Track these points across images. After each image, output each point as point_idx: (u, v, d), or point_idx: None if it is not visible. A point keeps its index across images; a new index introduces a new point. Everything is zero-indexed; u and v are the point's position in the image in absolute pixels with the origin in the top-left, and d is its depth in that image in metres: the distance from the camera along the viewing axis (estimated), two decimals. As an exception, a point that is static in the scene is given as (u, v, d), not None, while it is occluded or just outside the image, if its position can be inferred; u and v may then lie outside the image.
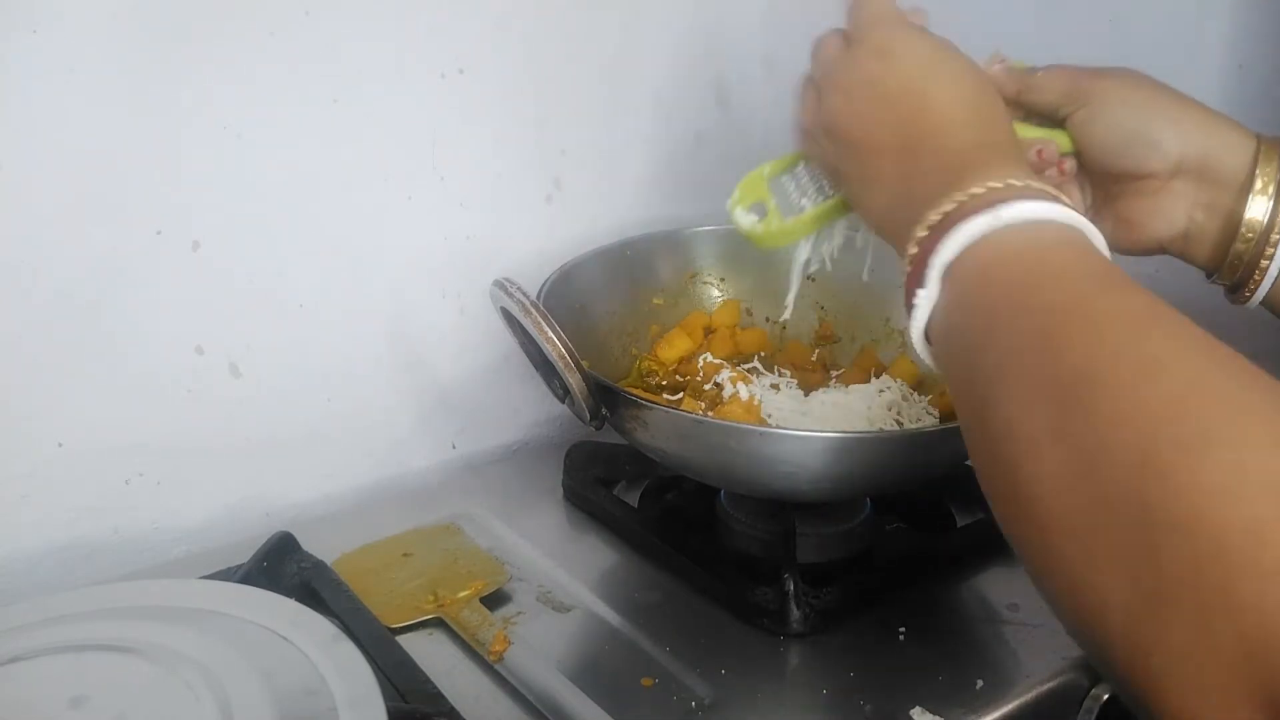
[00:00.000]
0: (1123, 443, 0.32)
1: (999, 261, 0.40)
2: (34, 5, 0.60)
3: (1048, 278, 0.38)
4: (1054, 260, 0.39)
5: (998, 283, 0.39)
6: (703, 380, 0.76)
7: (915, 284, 0.42)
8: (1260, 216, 0.53)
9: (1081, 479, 0.33)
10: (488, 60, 0.77)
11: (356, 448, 0.80)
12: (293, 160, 0.71)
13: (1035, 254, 0.40)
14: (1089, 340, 0.35)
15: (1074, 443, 0.33)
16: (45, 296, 0.64)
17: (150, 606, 0.51)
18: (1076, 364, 0.34)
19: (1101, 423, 0.33)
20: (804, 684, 0.59)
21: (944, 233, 0.41)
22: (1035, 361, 0.36)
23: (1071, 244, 0.40)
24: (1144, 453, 0.31)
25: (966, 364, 0.40)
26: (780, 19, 0.92)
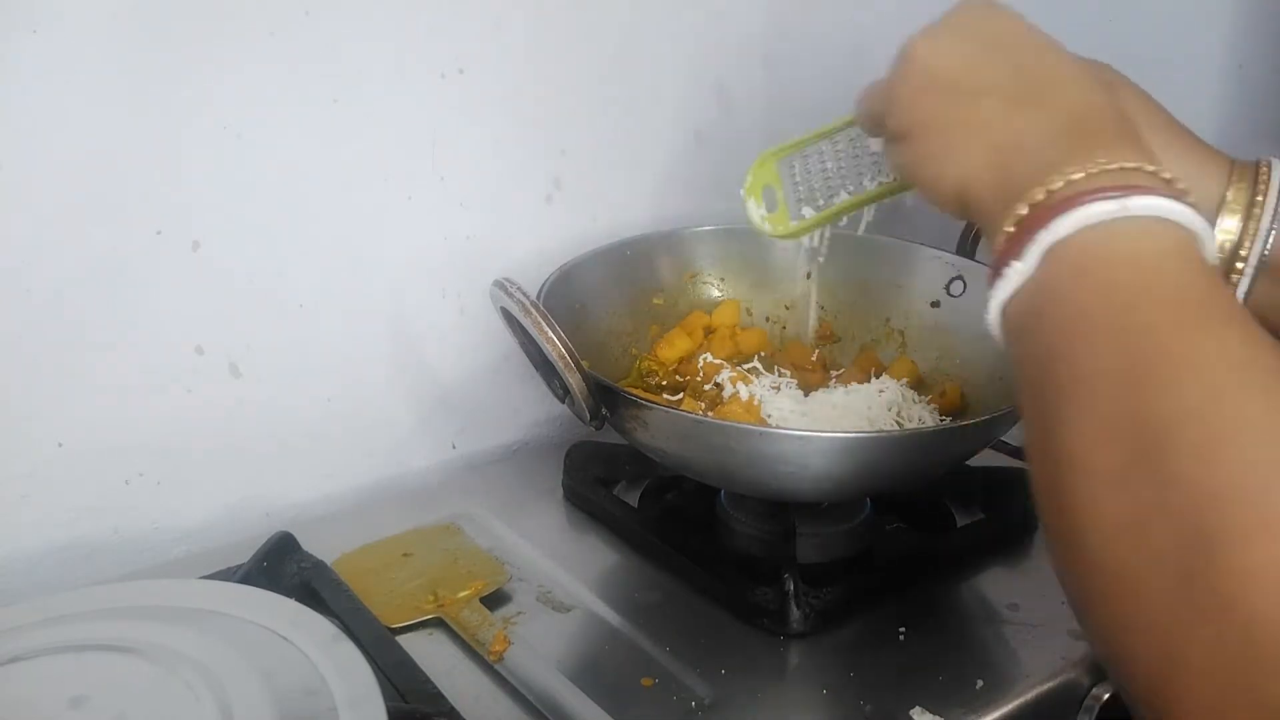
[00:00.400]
0: (1180, 510, 0.31)
1: (1107, 260, 0.37)
2: (34, 5, 0.60)
3: (1152, 297, 0.36)
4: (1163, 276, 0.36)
5: (1097, 285, 0.37)
6: (703, 380, 0.76)
7: (1011, 255, 0.39)
8: (1226, 240, 0.53)
9: (1133, 536, 0.32)
10: (488, 60, 0.77)
11: (356, 448, 0.80)
12: (293, 160, 0.71)
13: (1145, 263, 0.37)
14: (1173, 388, 0.33)
15: (1135, 496, 0.32)
16: (45, 296, 0.64)
17: (150, 606, 0.51)
18: (1155, 411, 0.33)
19: (1166, 483, 0.32)
20: (804, 684, 0.59)
21: (1064, 207, 0.37)
22: (1114, 394, 0.34)
23: (1185, 255, 0.37)
24: (1197, 527, 0.31)
25: (1041, 362, 0.38)
26: (780, 19, 0.92)
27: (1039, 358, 0.38)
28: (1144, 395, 0.33)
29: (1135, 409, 0.33)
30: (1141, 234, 0.37)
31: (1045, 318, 0.38)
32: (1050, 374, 0.37)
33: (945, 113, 0.46)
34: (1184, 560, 0.31)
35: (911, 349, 0.79)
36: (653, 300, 0.81)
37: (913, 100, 0.47)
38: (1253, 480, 0.31)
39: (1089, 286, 0.37)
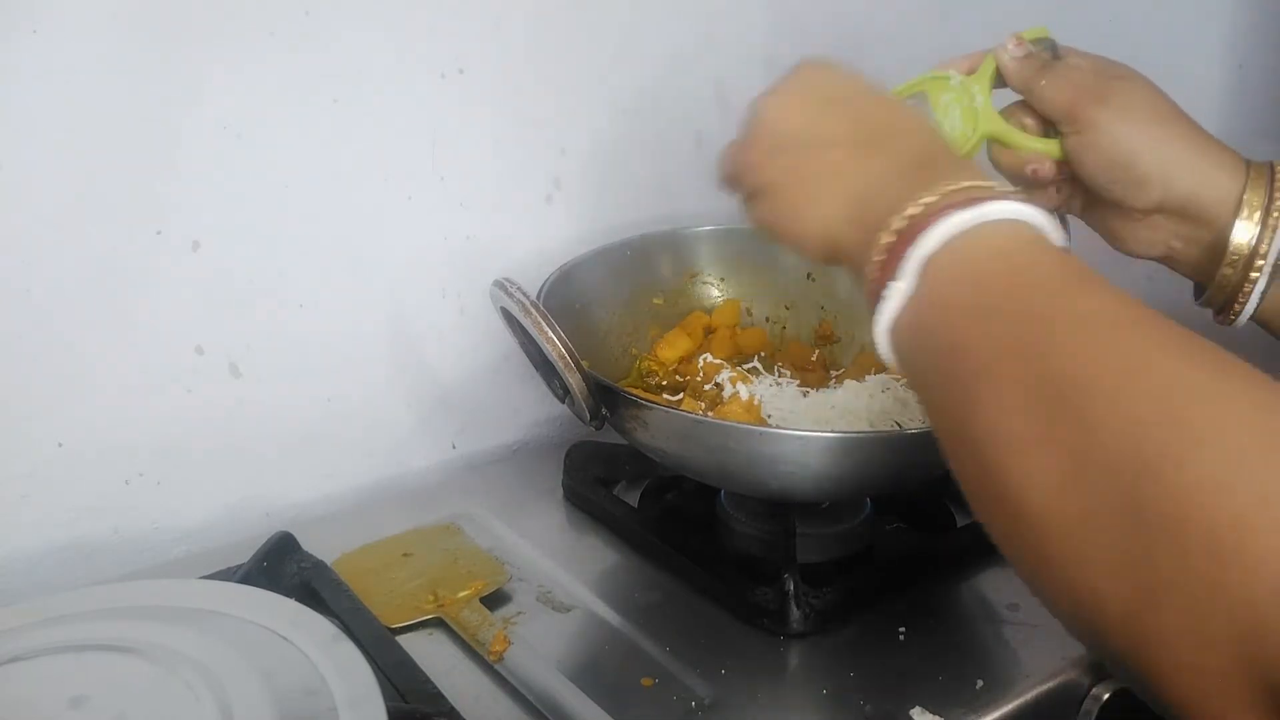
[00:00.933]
0: (1111, 446, 0.33)
1: (980, 260, 0.39)
2: (34, 5, 0.60)
3: (1030, 279, 0.38)
4: (1033, 261, 0.39)
5: (979, 282, 0.39)
6: (703, 380, 0.76)
7: (887, 276, 0.41)
8: (1245, 241, 0.54)
9: (1072, 482, 0.33)
10: (488, 60, 0.77)
11: (356, 448, 0.80)
12: (293, 160, 0.71)
13: (1014, 254, 0.39)
14: (1074, 345, 0.35)
15: (1063, 447, 0.34)
16: (45, 296, 0.64)
17: (150, 606, 0.51)
18: (1062, 369, 0.35)
19: (1089, 427, 0.33)
20: (804, 684, 0.59)
21: (925, 224, 0.40)
22: (1021, 366, 0.36)
23: (1042, 244, 0.40)
24: (1132, 455, 0.32)
25: (943, 364, 0.39)
26: (780, 19, 0.92)
27: (937, 362, 0.40)
28: (1048, 359, 0.35)
29: (1043, 373, 0.35)
30: (1001, 233, 0.40)
31: (937, 324, 0.40)
32: (953, 371, 0.38)
33: (797, 167, 0.48)
34: (1129, 492, 0.32)
35: (911, 349, 0.79)
36: (653, 300, 0.81)
37: (766, 159, 0.50)
38: (1171, 404, 0.32)
39: (970, 283, 0.39)
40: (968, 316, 0.39)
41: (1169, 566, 0.31)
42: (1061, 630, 0.61)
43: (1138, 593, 0.31)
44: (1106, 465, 0.32)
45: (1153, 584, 0.31)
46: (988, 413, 0.36)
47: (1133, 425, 0.32)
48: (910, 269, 0.40)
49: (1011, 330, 0.37)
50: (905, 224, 0.41)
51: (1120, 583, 0.32)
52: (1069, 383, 0.34)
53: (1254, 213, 0.53)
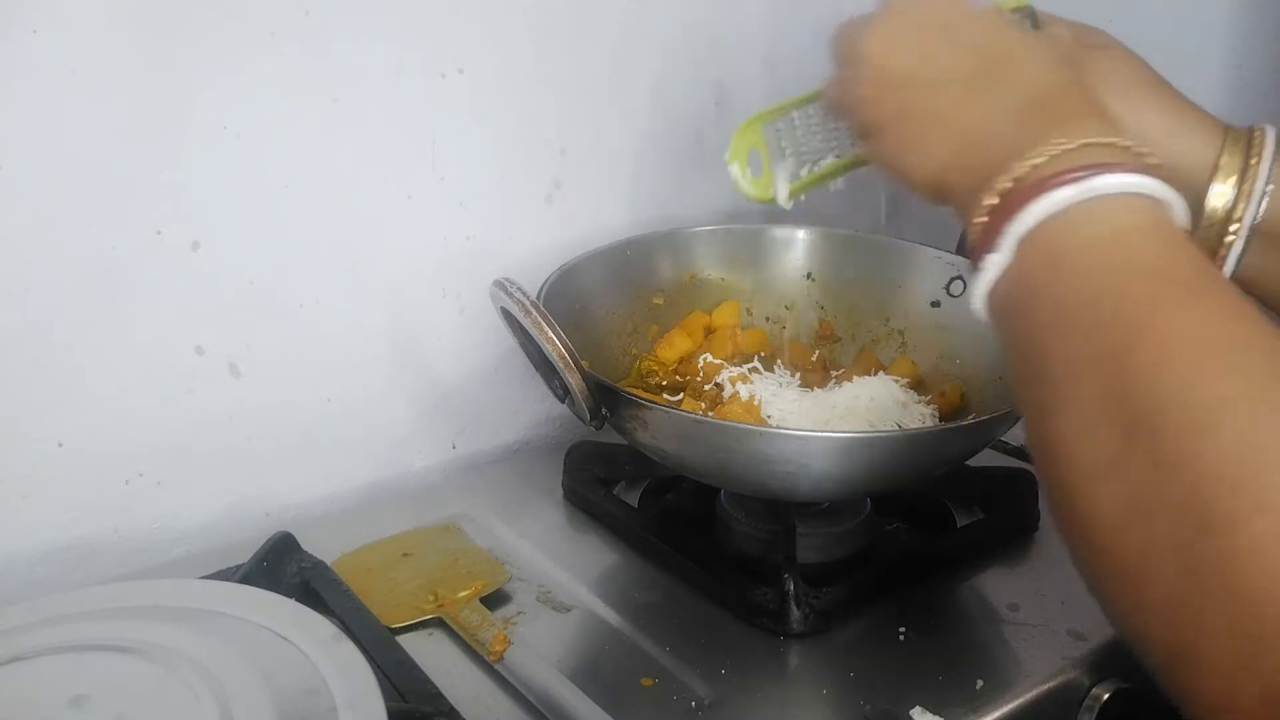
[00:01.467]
0: (1176, 495, 0.32)
1: (1076, 247, 0.37)
2: (34, 5, 0.60)
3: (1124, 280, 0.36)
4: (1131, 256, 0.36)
5: (1070, 274, 0.37)
6: (703, 380, 0.76)
7: (986, 247, 0.39)
8: (1220, 205, 0.53)
9: (1134, 523, 0.33)
10: (488, 60, 0.77)
11: (356, 448, 0.80)
12: (293, 160, 0.71)
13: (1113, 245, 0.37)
14: (1155, 370, 0.33)
15: (1132, 484, 0.33)
16: (45, 296, 0.64)
17: (150, 606, 0.51)
18: (1141, 397, 0.33)
19: (1160, 466, 0.32)
20: (804, 684, 0.59)
21: (1029, 195, 0.38)
22: (1103, 377, 0.34)
23: (1154, 230, 0.37)
24: (1195, 509, 0.31)
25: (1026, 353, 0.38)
26: (780, 19, 0.92)
27: (1024, 349, 0.38)
28: (1126, 381, 0.34)
29: (1119, 395, 0.34)
30: (1108, 213, 0.37)
31: (1025, 309, 0.38)
32: (1036, 366, 0.37)
33: (908, 108, 0.46)
34: (1186, 545, 0.31)
35: (911, 349, 0.79)
36: (653, 300, 0.81)
37: (876, 99, 0.47)
38: (1242, 461, 0.31)
39: (1062, 276, 0.37)
40: (1055, 314, 0.37)
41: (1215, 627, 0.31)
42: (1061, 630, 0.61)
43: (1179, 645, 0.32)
44: (1169, 513, 0.32)
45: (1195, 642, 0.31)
46: (1064, 422, 0.35)
47: (1201, 478, 0.31)
48: (1008, 244, 0.38)
49: (1095, 340, 0.35)
50: (1010, 186, 0.39)
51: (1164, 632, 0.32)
52: (1145, 413, 0.33)
53: (1229, 176, 0.53)
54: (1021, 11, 0.59)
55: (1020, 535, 0.71)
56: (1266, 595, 0.30)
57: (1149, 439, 0.33)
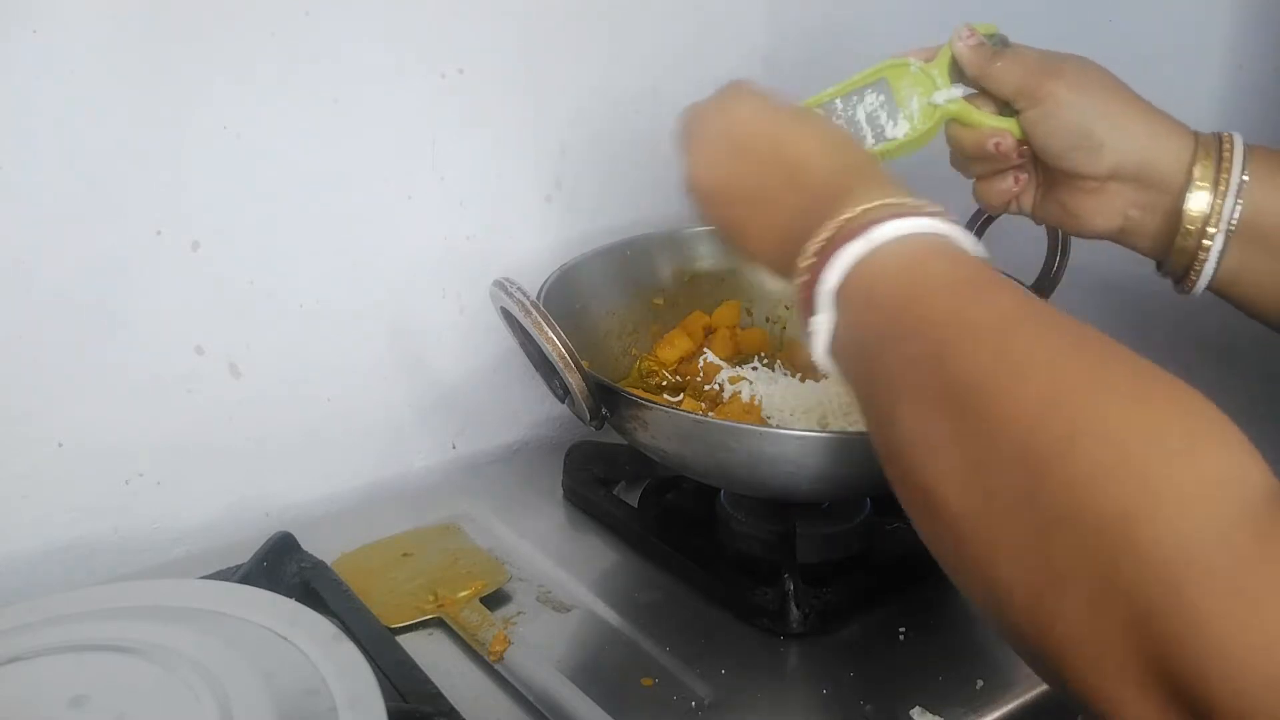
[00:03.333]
0: (1006, 443, 0.34)
1: (879, 282, 0.42)
2: (34, 5, 0.60)
3: (924, 292, 0.40)
4: (928, 274, 0.41)
5: (881, 303, 0.41)
6: (703, 380, 0.76)
7: (808, 312, 0.44)
8: (1198, 210, 0.56)
9: (975, 479, 0.35)
10: (488, 60, 0.77)
11: (356, 448, 0.80)
12: (293, 160, 0.71)
13: (909, 271, 0.41)
14: (968, 350, 0.37)
15: (966, 446, 0.36)
16: (45, 296, 0.64)
17: (150, 606, 0.51)
18: (960, 374, 0.37)
19: (986, 426, 0.35)
20: (804, 684, 0.59)
21: (825, 260, 0.43)
22: (924, 375, 0.38)
23: (943, 253, 0.42)
24: (1024, 451, 0.34)
25: (866, 381, 0.42)
26: (780, 19, 0.92)
27: (864, 378, 0.42)
28: (946, 366, 0.37)
29: (944, 380, 0.37)
30: (898, 253, 0.42)
31: (856, 344, 0.43)
32: (877, 384, 0.41)
33: (730, 219, 0.53)
34: (1024, 486, 0.33)
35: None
36: (653, 300, 0.81)
37: (704, 207, 0.55)
38: (1054, 398, 0.34)
39: (879, 309, 0.41)
40: (877, 336, 0.41)
41: (1064, 556, 0.32)
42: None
43: (1039, 581, 0.33)
44: (1002, 461, 0.34)
45: (1051, 573, 0.32)
46: (904, 420, 0.38)
47: (1023, 422, 0.34)
48: (824, 303, 0.43)
49: (913, 344, 0.39)
50: (812, 260, 0.44)
51: (1023, 571, 0.33)
52: (965, 387, 0.36)
53: (1205, 181, 0.56)
54: (993, 39, 0.60)
55: (1020, 535, 0.71)
56: (1108, 516, 0.31)
57: (976, 406, 0.36)
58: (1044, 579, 0.33)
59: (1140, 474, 0.31)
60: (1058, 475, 0.32)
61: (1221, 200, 0.55)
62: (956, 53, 0.60)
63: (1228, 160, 0.55)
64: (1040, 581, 0.33)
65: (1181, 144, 0.57)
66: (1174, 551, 0.30)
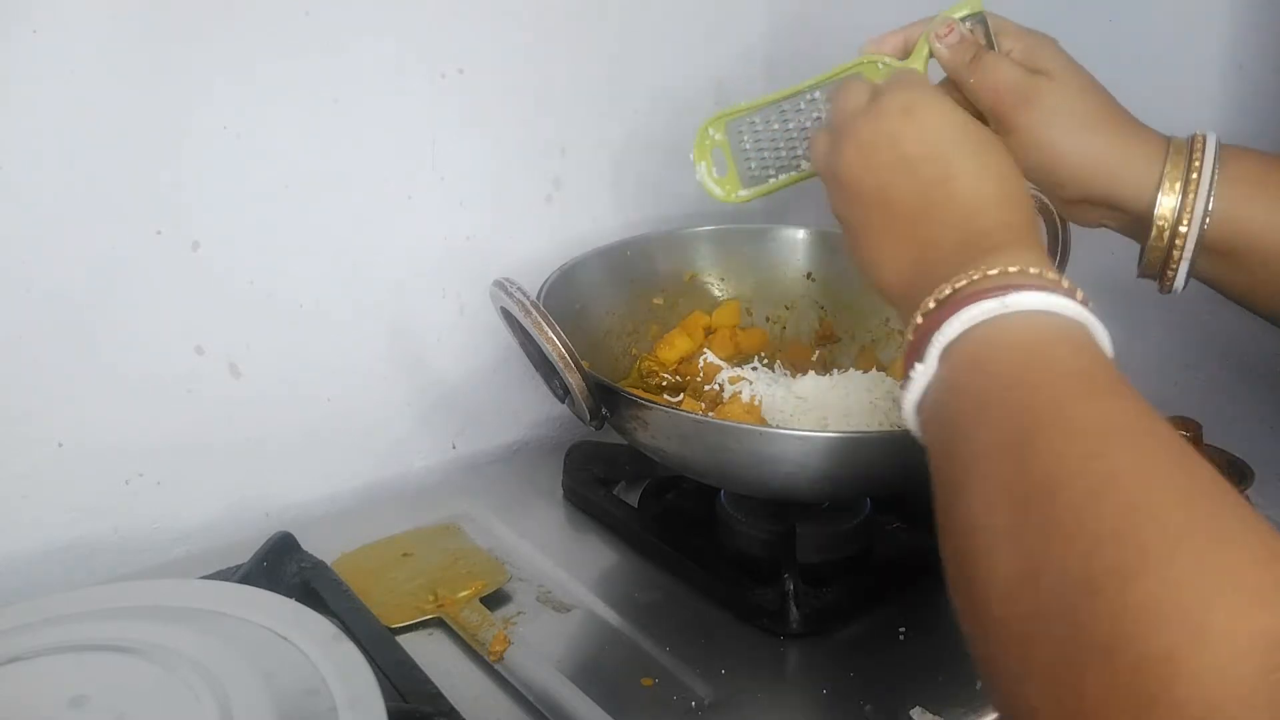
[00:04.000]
0: (1066, 557, 0.33)
1: (995, 350, 0.40)
2: (34, 5, 0.60)
3: (1035, 374, 0.39)
4: (1046, 356, 0.39)
5: (989, 372, 0.40)
6: (703, 381, 0.76)
7: (915, 357, 0.42)
8: (1167, 214, 0.56)
9: (1025, 588, 0.34)
10: (488, 60, 0.77)
11: (356, 448, 0.80)
12: (293, 160, 0.71)
13: (1030, 347, 0.40)
14: (1057, 449, 0.35)
15: (1025, 550, 0.34)
16: (45, 296, 0.64)
17: (150, 606, 0.51)
18: (1041, 472, 0.35)
19: (1051, 534, 0.33)
20: (804, 684, 0.59)
21: (951, 310, 0.41)
22: (1006, 462, 0.36)
23: (1070, 339, 0.40)
24: (1082, 571, 0.32)
25: (947, 447, 0.40)
26: (780, 19, 0.92)
27: (945, 442, 0.41)
28: (1029, 460, 0.36)
29: (1023, 473, 0.36)
30: (1026, 326, 0.40)
31: (947, 407, 0.41)
32: (953, 454, 0.39)
33: (871, 225, 0.51)
34: (1071, 605, 0.32)
35: (911, 349, 0.79)
36: (653, 300, 0.81)
37: (844, 206, 0.53)
38: (1128, 524, 0.32)
39: (985, 377, 0.40)
40: (973, 404, 0.39)
41: (1096, 694, 0.31)
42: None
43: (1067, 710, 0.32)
44: (1057, 577, 0.33)
45: (1079, 709, 0.31)
46: (971, 501, 0.37)
47: (1089, 542, 0.32)
48: (933, 353, 0.41)
49: (1006, 424, 0.37)
50: (935, 306, 0.43)
51: (1050, 701, 0.32)
52: (1042, 487, 0.35)
53: (1174, 185, 0.56)
54: (975, 18, 0.60)
55: (1020, 535, 0.71)
56: (1149, 654, 0.30)
57: (1043, 508, 0.34)
58: (1070, 711, 0.31)
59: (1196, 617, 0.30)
60: (1110, 600, 0.31)
61: (1193, 197, 0.55)
62: (934, 52, 0.60)
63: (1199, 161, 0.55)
64: (1067, 712, 0.32)
65: (1152, 156, 0.57)
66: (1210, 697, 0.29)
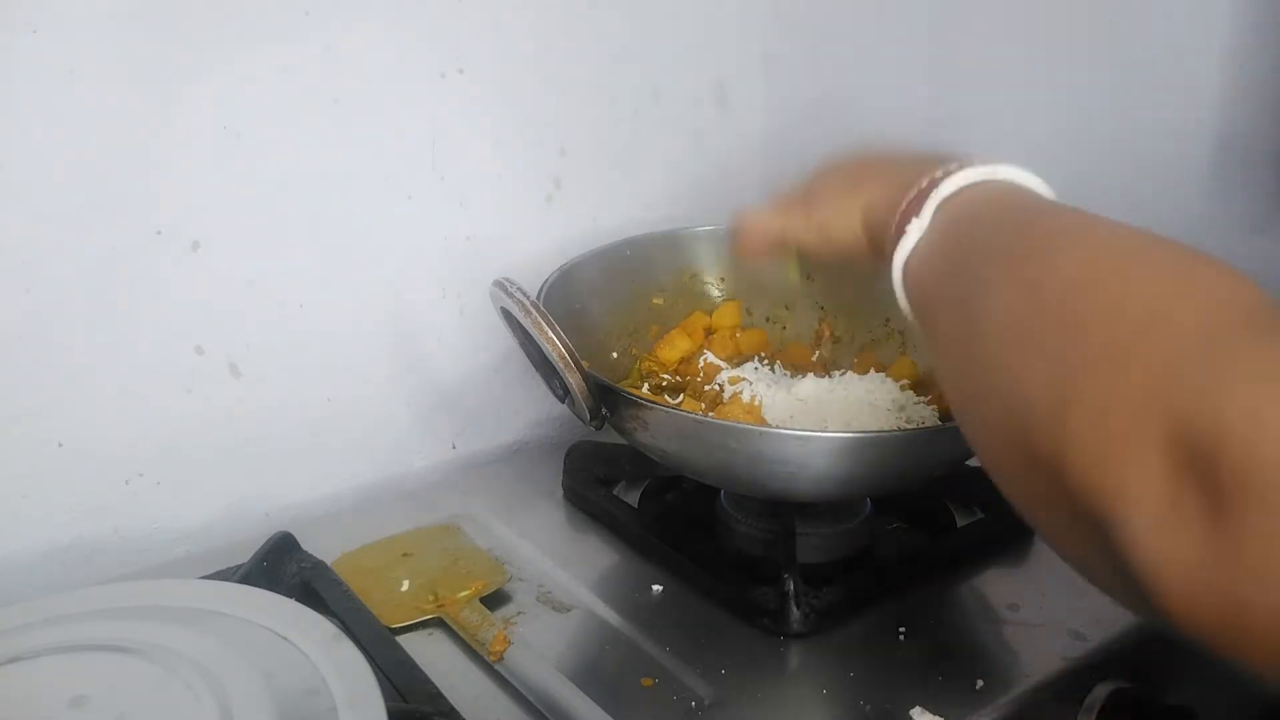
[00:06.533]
0: (1064, 275, 0.39)
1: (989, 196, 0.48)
2: (34, 5, 0.60)
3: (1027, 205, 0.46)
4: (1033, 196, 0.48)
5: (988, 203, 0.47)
6: (703, 381, 0.76)
7: (911, 214, 0.49)
8: None
9: (1026, 301, 0.39)
10: (488, 60, 0.77)
11: (356, 447, 0.80)
12: (293, 160, 0.71)
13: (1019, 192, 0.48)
14: (1048, 231, 0.42)
15: (1023, 282, 0.40)
16: (45, 296, 0.64)
17: (150, 606, 0.51)
18: (1035, 242, 0.42)
19: (1050, 266, 0.39)
20: (804, 684, 0.59)
21: (946, 176, 0.49)
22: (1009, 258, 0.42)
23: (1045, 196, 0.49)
24: (1081, 275, 0.38)
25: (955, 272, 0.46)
26: (780, 19, 0.92)
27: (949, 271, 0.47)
28: (1029, 241, 0.43)
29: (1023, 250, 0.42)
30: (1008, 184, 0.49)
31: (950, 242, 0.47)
32: (960, 251, 0.46)
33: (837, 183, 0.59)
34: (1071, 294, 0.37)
35: (911, 349, 0.79)
36: (653, 300, 0.81)
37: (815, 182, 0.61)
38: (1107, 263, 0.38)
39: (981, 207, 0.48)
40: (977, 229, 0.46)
41: (1096, 342, 0.35)
42: (1061, 630, 0.61)
43: (1065, 370, 0.36)
44: (1057, 284, 0.38)
45: (1080, 359, 0.35)
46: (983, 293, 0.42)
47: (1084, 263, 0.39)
48: (929, 208, 0.49)
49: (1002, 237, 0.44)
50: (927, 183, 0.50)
51: (1050, 366, 0.36)
52: (1037, 247, 0.41)
53: None
54: None
55: (1020, 535, 0.71)
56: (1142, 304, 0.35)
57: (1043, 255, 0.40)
58: (1071, 363, 0.35)
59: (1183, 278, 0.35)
60: (1108, 285, 0.36)
61: None
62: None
63: None
64: (1067, 367, 0.36)
65: None
66: (1210, 326, 0.33)
